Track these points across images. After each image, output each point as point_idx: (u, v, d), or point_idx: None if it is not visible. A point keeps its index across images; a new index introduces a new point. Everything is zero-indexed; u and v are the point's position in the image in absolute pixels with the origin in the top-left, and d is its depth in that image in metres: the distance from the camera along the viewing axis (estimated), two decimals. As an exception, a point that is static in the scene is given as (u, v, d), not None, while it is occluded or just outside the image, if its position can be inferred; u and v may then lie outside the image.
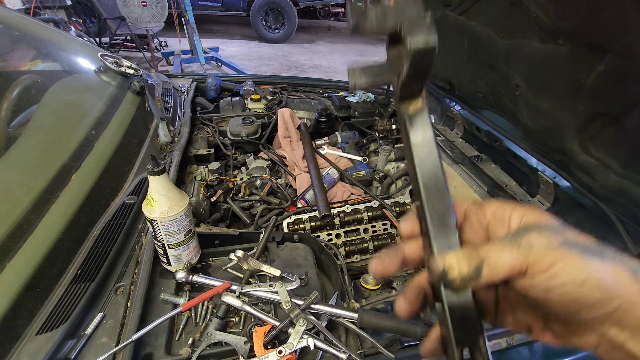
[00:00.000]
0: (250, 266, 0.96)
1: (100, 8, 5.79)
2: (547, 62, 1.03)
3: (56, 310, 0.80)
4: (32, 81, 1.30)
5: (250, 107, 2.06)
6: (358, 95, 2.16)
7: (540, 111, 1.15)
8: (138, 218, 1.10)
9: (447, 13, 1.41)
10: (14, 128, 1.13)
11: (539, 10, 0.96)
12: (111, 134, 1.31)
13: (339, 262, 1.12)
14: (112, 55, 1.76)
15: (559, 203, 1.27)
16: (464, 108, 1.78)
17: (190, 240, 0.95)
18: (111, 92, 1.53)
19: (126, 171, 1.25)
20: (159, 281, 0.95)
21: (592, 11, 0.81)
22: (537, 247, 0.31)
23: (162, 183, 0.87)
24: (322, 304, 0.84)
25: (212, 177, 1.47)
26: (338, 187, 1.62)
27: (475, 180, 1.46)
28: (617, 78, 0.85)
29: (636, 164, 0.92)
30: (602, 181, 1.04)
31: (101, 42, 6.01)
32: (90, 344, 0.78)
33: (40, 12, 4.83)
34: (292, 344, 0.76)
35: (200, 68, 5.84)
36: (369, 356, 0.83)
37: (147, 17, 4.90)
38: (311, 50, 7.66)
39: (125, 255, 0.98)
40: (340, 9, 10.03)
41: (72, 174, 1.07)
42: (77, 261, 0.92)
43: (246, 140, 1.76)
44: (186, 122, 1.67)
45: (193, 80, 2.19)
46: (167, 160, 1.37)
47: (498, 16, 1.17)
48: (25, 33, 1.53)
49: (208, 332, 0.82)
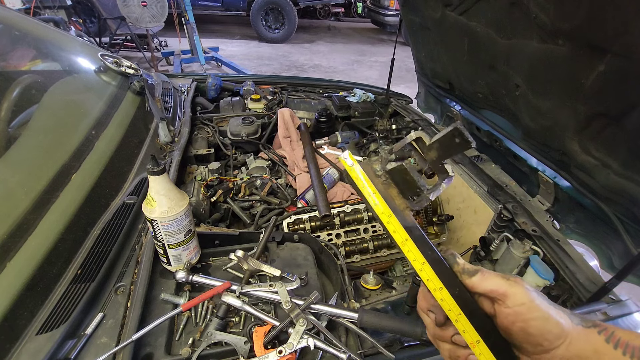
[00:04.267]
0: (250, 266, 0.96)
1: (100, 8, 5.79)
2: (547, 62, 1.03)
3: (56, 310, 0.80)
4: (32, 81, 1.30)
5: (250, 107, 2.06)
6: (358, 95, 2.16)
7: (540, 111, 1.15)
8: (138, 218, 1.10)
9: (447, 13, 1.41)
10: (14, 128, 1.13)
11: (539, 10, 0.96)
12: (111, 134, 1.31)
13: (339, 262, 1.12)
14: (112, 55, 1.76)
15: (559, 203, 1.27)
16: (464, 108, 1.78)
17: (190, 240, 0.95)
18: (111, 92, 1.53)
19: (126, 171, 1.25)
20: (159, 281, 0.95)
21: (592, 11, 0.81)
22: (518, 286, 0.42)
23: (162, 183, 0.87)
24: (322, 304, 0.84)
25: (212, 177, 1.47)
26: (338, 187, 1.62)
27: (475, 180, 1.46)
28: (617, 78, 0.85)
29: (636, 164, 0.92)
30: (602, 181, 1.04)
31: (101, 42, 6.01)
32: (90, 344, 0.78)
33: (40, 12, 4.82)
34: (292, 344, 0.76)
35: (200, 68, 5.84)
36: (369, 356, 0.83)
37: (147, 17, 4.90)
38: (311, 50, 7.67)
39: (125, 255, 0.98)
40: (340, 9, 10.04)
41: (72, 174, 1.07)
42: (77, 261, 0.92)
43: (246, 140, 1.76)
44: (186, 122, 1.67)
45: (193, 80, 2.19)
46: (167, 160, 1.37)
47: (498, 16, 1.17)
48: (25, 33, 1.53)
49: (208, 332, 0.82)
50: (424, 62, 1.94)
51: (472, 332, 0.43)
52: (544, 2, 0.93)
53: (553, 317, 0.41)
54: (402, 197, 0.46)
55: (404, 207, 0.45)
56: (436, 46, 1.69)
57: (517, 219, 1.25)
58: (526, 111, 1.24)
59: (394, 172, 0.46)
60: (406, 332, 0.80)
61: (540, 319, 0.41)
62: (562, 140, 1.12)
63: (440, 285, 0.44)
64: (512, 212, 1.27)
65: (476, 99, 1.61)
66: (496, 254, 1.30)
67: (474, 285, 0.44)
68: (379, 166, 0.47)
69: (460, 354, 0.46)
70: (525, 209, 1.29)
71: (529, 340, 0.42)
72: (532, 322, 0.41)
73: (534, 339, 0.41)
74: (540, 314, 0.41)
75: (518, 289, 0.42)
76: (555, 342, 0.41)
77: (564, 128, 1.09)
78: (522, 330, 0.41)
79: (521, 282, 0.43)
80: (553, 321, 0.41)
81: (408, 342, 0.86)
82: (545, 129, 1.18)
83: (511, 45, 1.16)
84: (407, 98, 2.25)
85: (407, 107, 2.09)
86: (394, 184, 0.46)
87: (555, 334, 0.41)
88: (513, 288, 0.42)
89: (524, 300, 0.41)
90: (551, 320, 0.41)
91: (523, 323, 0.41)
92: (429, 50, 1.80)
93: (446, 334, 0.47)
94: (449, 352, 0.47)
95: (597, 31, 0.83)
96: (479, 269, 0.44)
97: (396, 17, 7.65)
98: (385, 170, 0.46)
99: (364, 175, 0.46)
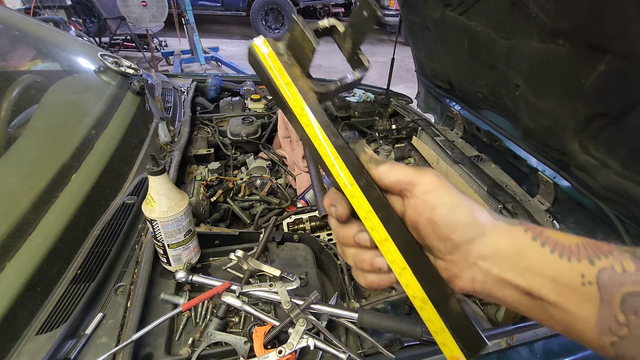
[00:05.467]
0: (250, 266, 0.96)
1: (100, 8, 5.79)
2: (547, 62, 1.03)
3: (56, 310, 0.80)
4: (32, 81, 1.30)
5: (250, 107, 2.06)
6: (358, 95, 2.16)
7: (540, 111, 1.15)
8: (138, 218, 1.09)
9: (447, 13, 1.41)
10: (14, 128, 1.13)
11: (539, 10, 0.96)
12: (111, 134, 1.31)
13: (339, 262, 1.12)
14: (112, 55, 1.76)
15: (559, 203, 1.27)
16: (464, 108, 1.78)
17: (190, 240, 0.95)
18: (111, 92, 1.53)
19: (126, 171, 1.25)
20: (159, 281, 0.95)
21: (592, 11, 0.81)
22: (428, 173, 0.37)
23: (162, 183, 0.87)
24: (322, 304, 0.84)
25: (212, 177, 1.47)
26: (338, 187, 1.62)
27: (475, 180, 1.46)
28: (617, 78, 0.85)
29: (636, 164, 0.92)
30: (602, 181, 1.04)
31: (101, 42, 6.01)
32: (90, 344, 0.78)
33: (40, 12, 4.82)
34: (292, 344, 0.76)
35: (200, 68, 5.84)
36: (369, 356, 0.83)
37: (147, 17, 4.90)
38: (311, 50, 7.65)
39: (125, 255, 0.98)
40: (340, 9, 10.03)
41: (72, 174, 1.07)
42: (77, 261, 0.92)
43: (246, 140, 1.76)
44: (186, 122, 1.67)
45: (193, 80, 2.19)
46: (167, 160, 1.37)
47: (498, 16, 1.17)
48: (25, 33, 1.53)
49: (208, 332, 0.82)
50: (423, 62, 1.94)
51: (380, 228, 0.38)
52: (544, 2, 0.93)
53: (464, 205, 0.36)
54: (304, 77, 0.41)
55: (308, 89, 0.41)
56: (436, 46, 1.69)
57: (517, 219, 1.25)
58: (526, 111, 1.24)
59: (292, 39, 0.40)
60: (406, 332, 0.80)
61: (448, 205, 0.36)
62: (562, 140, 1.12)
63: (345, 170, 0.39)
64: (512, 212, 1.27)
65: (476, 99, 1.61)
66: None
67: (380, 175, 0.38)
68: (282, 44, 0.42)
69: (365, 257, 0.40)
70: (525, 209, 1.29)
71: (437, 234, 0.36)
72: (438, 210, 0.35)
73: (441, 230, 0.35)
74: (448, 199, 0.36)
75: (427, 176, 0.37)
76: (465, 235, 0.35)
77: (564, 128, 1.09)
78: (429, 221, 0.36)
79: (433, 170, 0.38)
80: (463, 209, 0.36)
81: (408, 342, 0.86)
82: (545, 129, 1.18)
83: (511, 45, 1.16)
84: (407, 98, 2.25)
85: (407, 107, 2.09)
86: (296, 62, 0.41)
87: (465, 224, 0.35)
88: (422, 176, 0.37)
89: (432, 187, 0.36)
90: (461, 208, 0.36)
91: (430, 212, 0.36)
92: (428, 50, 1.80)
93: (349, 232, 0.41)
94: (354, 258, 0.42)
95: (597, 31, 0.83)
96: (390, 161, 0.39)
97: (396, 17, 7.65)
98: (286, 45, 0.41)
99: (276, 64, 0.41)
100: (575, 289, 0.32)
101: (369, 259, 0.40)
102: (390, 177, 0.38)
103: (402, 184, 0.37)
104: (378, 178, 0.38)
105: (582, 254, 0.33)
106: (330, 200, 0.41)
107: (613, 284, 0.31)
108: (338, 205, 0.40)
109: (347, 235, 0.41)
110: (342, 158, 0.39)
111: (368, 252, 0.40)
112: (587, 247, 0.33)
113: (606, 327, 0.31)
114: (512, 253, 0.35)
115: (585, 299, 0.31)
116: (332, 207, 0.41)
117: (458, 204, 0.36)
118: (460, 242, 0.35)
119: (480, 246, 0.35)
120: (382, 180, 0.38)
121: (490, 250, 0.35)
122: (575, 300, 0.32)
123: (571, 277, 0.32)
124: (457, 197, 0.36)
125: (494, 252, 0.35)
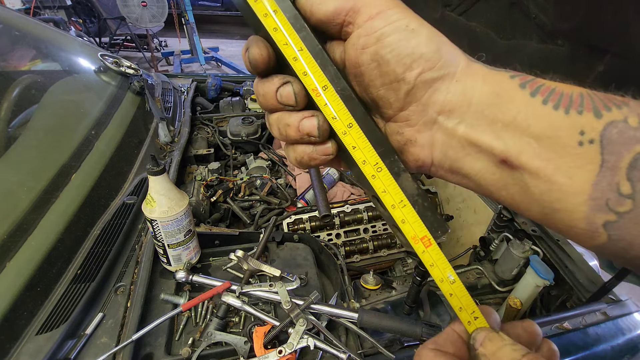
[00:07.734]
0: (250, 266, 0.96)
1: (100, 8, 5.78)
2: (546, 63, 1.03)
3: (56, 310, 0.80)
4: (32, 81, 1.30)
5: (250, 107, 2.06)
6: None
7: (540, 111, 1.15)
8: (138, 218, 1.10)
9: (447, 13, 1.41)
10: (14, 128, 1.13)
11: (539, 11, 0.96)
12: (111, 134, 1.31)
13: (339, 262, 1.12)
14: (112, 55, 1.76)
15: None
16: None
17: (190, 240, 0.95)
18: (111, 92, 1.53)
19: (126, 171, 1.25)
20: (159, 281, 0.95)
21: (592, 11, 0.81)
22: None
23: (162, 183, 0.87)
24: (322, 304, 0.84)
25: (212, 177, 1.47)
26: (338, 187, 1.62)
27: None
28: (617, 78, 0.85)
29: (636, 164, 0.92)
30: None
31: (101, 42, 6.00)
32: (90, 344, 0.78)
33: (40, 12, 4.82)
34: (292, 344, 0.76)
35: (200, 68, 5.84)
36: (369, 356, 0.83)
37: (147, 17, 4.90)
38: (311, 50, 7.65)
39: (125, 255, 0.98)
40: None
41: (72, 174, 1.07)
42: (77, 261, 0.92)
43: (246, 140, 1.76)
44: (186, 122, 1.67)
45: (193, 80, 2.19)
46: (167, 160, 1.37)
47: (498, 16, 1.17)
48: (25, 33, 1.53)
49: (208, 332, 0.82)
50: (423, 62, 1.94)
51: (315, 70, 0.28)
52: (543, 2, 0.93)
53: (424, 31, 0.26)
54: None
55: None
56: (436, 46, 1.69)
57: (517, 219, 1.25)
58: (526, 111, 1.24)
59: None
60: (406, 332, 0.80)
61: (402, 30, 0.26)
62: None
63: (275, 8, 0.28)
64: (511, 212, 1.27)
65: (476, 99, 1.61)
66: (496, 254, 1.31)
67: (311, 6, 0.27)
68: None
69: (290, 120, 0.30)
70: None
71: (385, 76, 0.27)
72: (388, 39, 0.26)
73: (390, 67, 0.26)
74: (402, 23, 0.26)
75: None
76: (425, 74, 0.26)
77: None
78: (375, 57, 0.26)
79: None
80: (423, 37, 0.26)
81: (408, 342, 0.86)
82: (545, 129, 1.18)
83: (511, 45, 1.16)
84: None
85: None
86: None
87: (425, 57, 0.26)
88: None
89: (381, 8, 0.26)
90: (420, 34, 0.26)
91: (375, 43, 0.26)
92: (428, 51, 1.80)
93: (270, 87, 0.29)
94: (277, 124, 0.31)
95: (597, 31, 0.83)
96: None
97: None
98: None
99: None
100: (568, 150, 0.24)
101: (294, 122, 0.30)
102: (324, 6, 0.27)
103: (340, 14, 0.27)
104: (309, 11, 0.28)
105: (587, 105, 0.24)
106: (247, 43, 0.29)
107: (623, 141, 0.23)
108: (254, 46, 0.28)
109: (267, 92, 0.30)
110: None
111: (294, 115, 0.30)
112: (594, 97, 0.25)
113: (602, 201, 0.23)
114: (488, 104, 0.26)
115: (580, 164, 0.24)
116: (246, 50, 0.29)
117: (416, 30, 0.26)
118: (416, 85, 0.26)
119: (444, 94, 0.26)
120: (315, 14, 0.27)
121: (458, 100, 0.26)
122: (565, 167, 0.24)
123: (565, 135, 0.24)
124: (415, 21, 0.26)
125: (464, 104, 0.26)
